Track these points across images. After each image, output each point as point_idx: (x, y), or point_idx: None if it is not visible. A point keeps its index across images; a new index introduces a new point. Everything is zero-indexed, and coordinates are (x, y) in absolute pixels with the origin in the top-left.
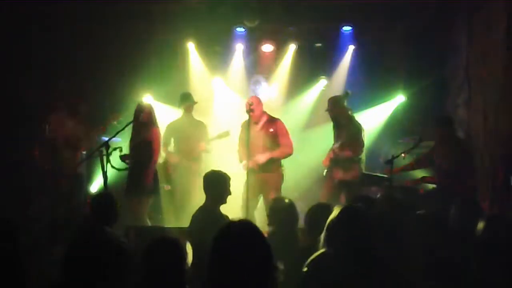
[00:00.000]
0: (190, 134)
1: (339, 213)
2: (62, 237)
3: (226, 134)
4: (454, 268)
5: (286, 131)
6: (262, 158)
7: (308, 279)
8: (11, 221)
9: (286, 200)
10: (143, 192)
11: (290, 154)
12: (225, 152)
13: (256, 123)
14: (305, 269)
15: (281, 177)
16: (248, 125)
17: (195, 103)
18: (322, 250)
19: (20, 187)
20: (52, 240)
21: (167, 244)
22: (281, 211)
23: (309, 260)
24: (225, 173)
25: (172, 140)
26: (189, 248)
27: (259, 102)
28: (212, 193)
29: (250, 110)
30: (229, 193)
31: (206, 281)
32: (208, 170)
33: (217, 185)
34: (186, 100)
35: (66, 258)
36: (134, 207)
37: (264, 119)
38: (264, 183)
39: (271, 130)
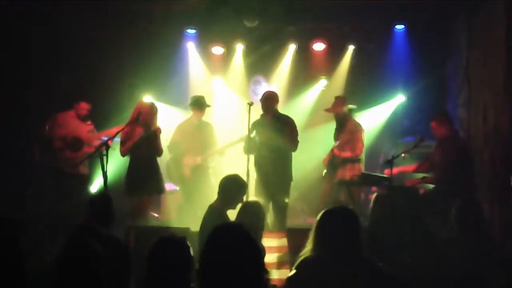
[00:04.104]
0: (198, 136)
1: (324, 214)
2: (62, 237)
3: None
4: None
5: None
6: None
7: (295, 281)
8: (14, 221)
9: (256, 203)
10: (146, 191)
11: None
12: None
13: None
14: (293, 271)
15: None
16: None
17: (208, 106)
18: (309, 253)
19: (20, 187)
20: (52, 240)
21: (174, 243)
22: (250, 213)
23: (297, 262)
24: (244, 181)
25: (181, 140)
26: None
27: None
28: (226, 196)
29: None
30: (241, 201)
31: (197, 280)
32: (216, 172)
33: (233, 190)
34: (199, 104)
35: (59, 260)
36: (137, 206)
37: None
38: None
39: None
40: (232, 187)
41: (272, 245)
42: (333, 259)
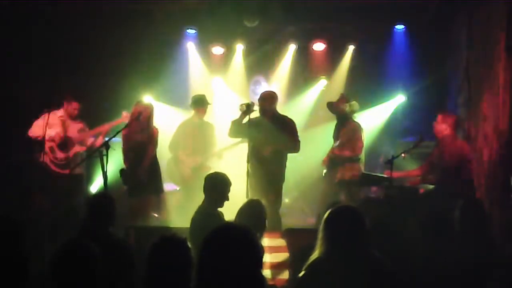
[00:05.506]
0: (199, 135)
1: (329, 214)
2: (62, 237)
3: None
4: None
5: None
6: None
7: (304, 282)
8: (14, 221)
9: (259, 203)
10: (146, 191)
11: None
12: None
13: None
14: (302, 273)
15: None
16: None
17: (209, 104)
18: (318, 255)
19: (20, 187)
20: (52, 240)
21: (174, 243)
22: (252, 212)
23: (306, 264)
24: (227, 177)
25: (181, 139)
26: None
27: None
28: (211, 194)
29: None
30: (227, 199)
31: (195, 282)
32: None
33: (217, 187)
34: (200, 103)
35: (57, 259)
36: (137, 206)
37: None
38: None
39: None
40: (216, 186)
41: (270, 245)
42: (339, 259)
